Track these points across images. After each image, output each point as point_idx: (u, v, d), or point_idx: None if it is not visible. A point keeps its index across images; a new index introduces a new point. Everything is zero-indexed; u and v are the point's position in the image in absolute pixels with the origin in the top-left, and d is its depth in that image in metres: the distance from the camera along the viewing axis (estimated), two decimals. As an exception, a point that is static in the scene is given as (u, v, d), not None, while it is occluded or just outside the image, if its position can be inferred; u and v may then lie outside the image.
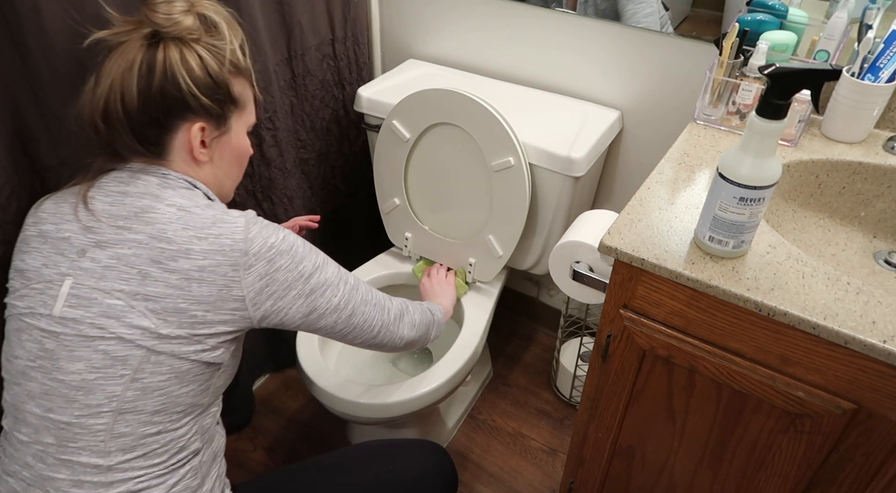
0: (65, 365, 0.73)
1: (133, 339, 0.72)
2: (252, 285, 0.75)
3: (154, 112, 0.75)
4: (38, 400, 0.74)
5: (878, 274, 0.87)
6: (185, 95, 0.75)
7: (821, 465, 0.79)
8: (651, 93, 1.24)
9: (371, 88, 1.36)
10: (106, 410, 0.72)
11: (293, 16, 1.24)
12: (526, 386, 1.66)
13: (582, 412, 1.00)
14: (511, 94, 1.34)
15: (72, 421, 0.73)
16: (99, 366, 0.72)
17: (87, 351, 0.72)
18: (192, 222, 0.74)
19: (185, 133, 0.78)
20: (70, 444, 0.73)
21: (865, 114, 0.95)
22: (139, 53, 0.73)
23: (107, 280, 0.72)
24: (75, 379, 0.72)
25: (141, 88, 0.73)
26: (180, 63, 0.74)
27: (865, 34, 0.92)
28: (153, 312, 0.72)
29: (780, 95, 0.65)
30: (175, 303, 0.72)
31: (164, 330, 0.72)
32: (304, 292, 0.80)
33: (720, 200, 0.72)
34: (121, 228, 0.74)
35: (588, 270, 1.06)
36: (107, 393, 0.72)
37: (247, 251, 0.74)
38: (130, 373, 0.72)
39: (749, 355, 0.77)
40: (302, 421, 1.56)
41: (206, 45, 0.76)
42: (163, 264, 0.72)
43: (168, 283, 0.72)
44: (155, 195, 0.75)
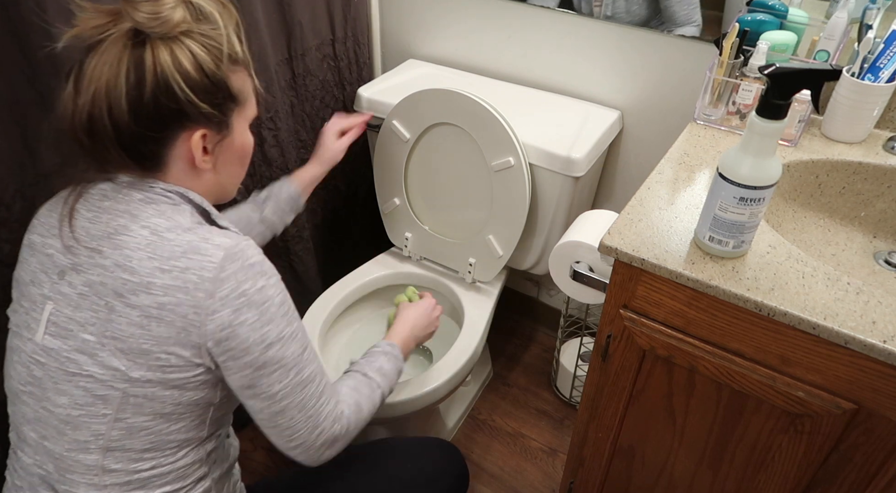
0: (52, 396, 0.69)
1: (105, 380, 0.66)
2: (212, 334, 0.65)
3: (147, 125, 0.65)
4: (32, 425, 0.71)
5: (878, 274, 0.87)
6: (182, 104, 0.65)
7: (821, 465, 0.79)
8: (651, 93, 1.24)
9: (371, 88, 1.36)
10: (94, 447, 0.68)
11: (293, 16, 1.24)
12: (526, 386, 1.66)
13: (582, 412, 1.00)
14: (511, 94, 1.34)
15: (64, 454, 0.70)
16: (82, 403, 0.68)
17: (69, 386, 0.68)
18: (159, 251, 0.65)
19: (185, 143, 0.69)
20: (67, 474, 0.70)
21: (865, 114, 0.95)
22: (124, 57, 0.63)
23: (81, 310, 0.67)
24: (62, 413, 0.69)
25: (131, 99, 0.63)
26: (173, 66, 0.63)
27: (865, 34, 0.92)
28: (122, 352, 0.65)
29: (780, 95, 0.65)
30: (139, 343, 0.65)
31: (133, 373, 0.65)
32: (257, 362, 0.68)
33: (720, 200, 0.72)
34: (93, 251, 0.67)
35: (588, 270, 1.06)
36: (92, 431, 0.68)
37: (213, 293, 0.64)
38: (112, 413, 0.67)
39: (749, 355, 0.77)
40: (302, 421, 1.56)
41: (197, 37, 0.65)
42: (125, 297, 0.65)
43: (130, 320, 0.65)
44: (132, 214, 0.67)
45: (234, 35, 0.69)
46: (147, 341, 0.65)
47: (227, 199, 0.80)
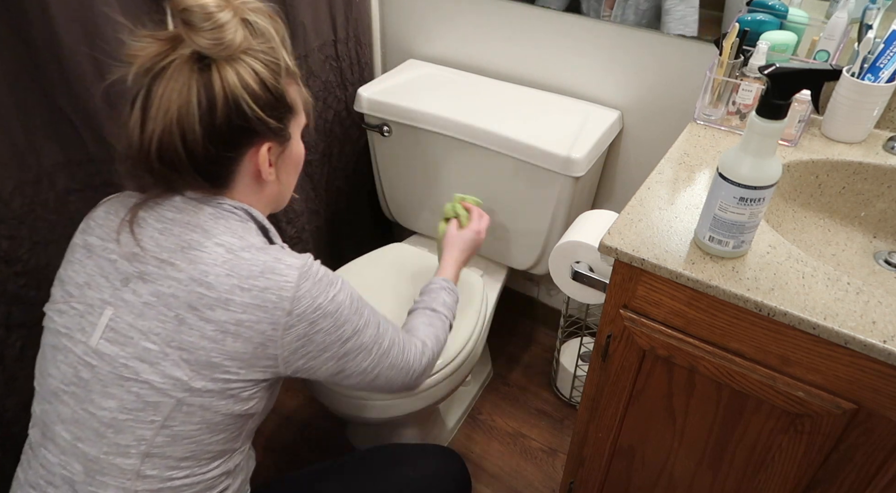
0: (97, 399, 0.69)
1: (164, 389, 0.67)
2: (289, 345, 0.70)
3: (220, 147, 0.68)
4: (67, 425, 0.70)
5: (878, 274, 0.87)
6: (252, 122, 0.68)
7: (821, 465, 0.79)
8: (651, 93, 1.24)
9: (371, 88, 1.36)
10: (134, 451, 0.69)
11: (296, 17, 1.24)
12: (526, 386, 1.66)
13: (582, 412, 1.00)
14: (511, 94, 1.34)
15: (100, 457, 0.69)
16: (131, 408, 0.68)
17: (120, 390, 0.68)
18: (237, 269, 0.67)
19: (252, 158, 0.71)
20: (98, 476, 0.70)
21: (865, 114, 0.95)
22: (192, 82, 0.64)
23: (145, 319, 0.67)
24: (106, 416, 0.69)
25: (204, 124, 0.65)
26: (241, 86, 0.65)
27: (865, 34, 0.92)
28: (187, 362, 0.67)
29: (780, 95, 0.65)
30: (209, 356, 0.67)
31: (196, 383, 0.67)
32: (338, 355, 0.75)
33: (720, 200, 0.72)
34: (163, 263, 0.68)
35: (588, 270, 1.06)
36: (136, 436, 0.68)
37: (291, 311, 0.68)
38: (161, 420, 0.68)
39: (749, 355, 0.77)
40: (301, 420, 1.56)
41: (258, 54, 0.67)
42: (199, 311, 0.66)
43: (203, 333, 0.66)
44: (204, 229, 0.69)
45: (285, 50, 0.71)
46: (218, 354, 0.67)
47: (282, 207, 0.83)
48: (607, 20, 1.20)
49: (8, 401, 0.97)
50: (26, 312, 0.94)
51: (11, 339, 0.94)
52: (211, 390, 0.68)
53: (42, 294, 0.95)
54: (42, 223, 0.93)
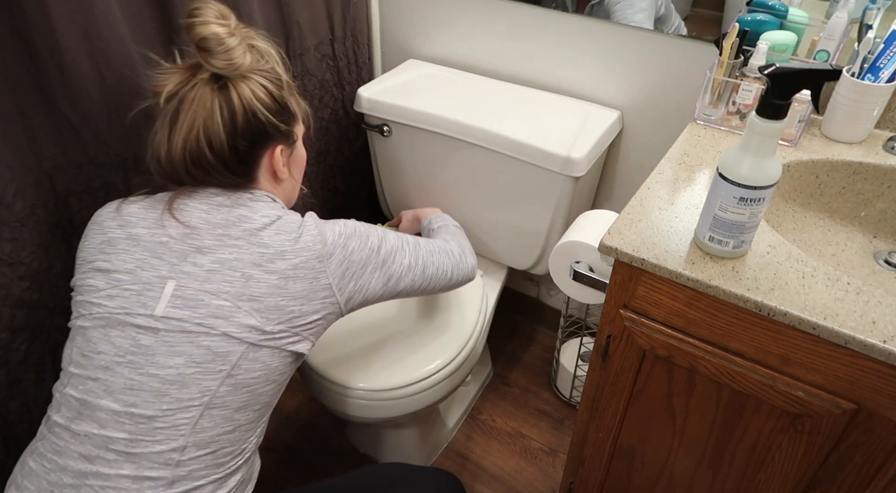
0: (162, 360, 0.75)
1: (241, 336, 0.76)
2: (335, 271, 0.83)
3: (243, 148, 0.81)
4: (117, 395, 0.75)
5: (878, 274, 0.87)
6: (266, 126, 0.82)
7: (821, 465, 0.79)
8: (651, 93, 1.24)
9: (371, 88, 1.36)
10: (196, 404, 0.75)
11: (292, 15, 1.24)
12: (526, 386, 1.66)
13: (582, 411, 1.00)
14: (511, 94, 1.34)
15: (156, 415, 0.75)
16: (200, 361, 0.75)
17: (189, 346, 0.75)
18: (282, 227, 0.81)
19: (269, 158, 0.85)
20: (146, 438, 0.74)
21: (865, 114, 0.95)
22: (214, 99, 0.78)
23: (212, 283, 0.77)
24: (171, 373, 0.75)
25: (227, 131, 0.79)
26: (254, 98, 0.80)
27: (865, 34, 0.92)
28: (258, 311, 0.77)
29: (780, 95, 0.65)
30: (276, 301, 0.78)
31: (268, 327, 0.78)
32: (379, 263, 0.89)
33: (720, 200, 0.72)
34: (220, 236, 0.79)
35: (588, 270, 1.06)
36: (201, 387, 0.75)
37: (325, 242, 0.83)
38: (228, 369, 0.76)
39: (749, 355, 0.77)
40: (301, 420, 1.56)
41: (263, 73, 0.82)
42: (263, 266, 0.78)
43: (269, 283, 0.78)
44: (248, 206, 0.82)
45: (283, 67, 0.86)
46: (283, 297, 0.79)
47: (293, 203, 0.96)
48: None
49: (11, 404, 0.97)
50: (30, 315, 0.94)
51: (16, 342, 0.94)
52: (281, 331, 0.79)
53: (45, 297, 0.96)
54: (44, 226, 0.93)
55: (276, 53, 0.85)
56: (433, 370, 1.16)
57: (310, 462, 1.46)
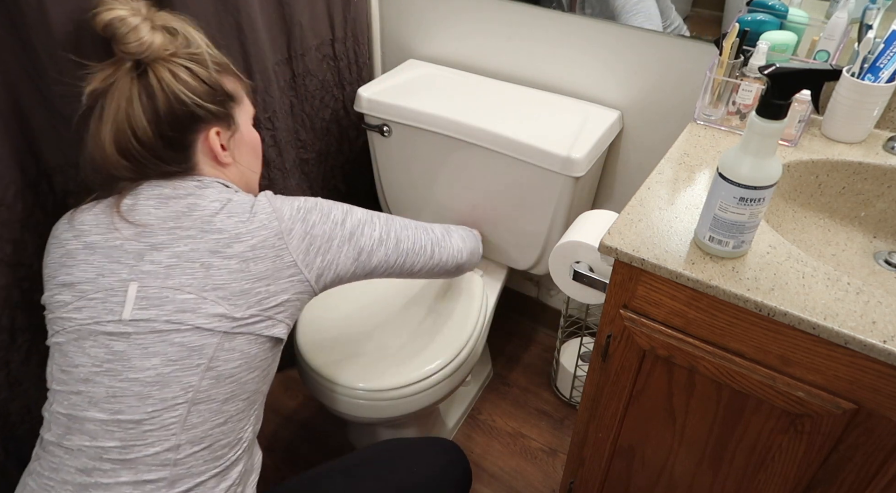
0: (138, 363, 0.74)
1: (211, 327, 0.75)
2: (297, 246, 0.81)
3: (169, 133, 0.79)
4: (102, 405, 0.74)
5: (878, 274, 0.87)
6: (192, 108, 0.79)
7: (821, 465, 0.79)
8: (651, 93, 1.24)
9: (371, 88, 1.36)
10: (181, 401, 0.74)
11: (293, 16, 1.24)
12: (526, 386, 1.66)
13: (582, 411, 1.00)
14: (511, 94, 1.34)
15: (143, 418, 0.74)
16: (175, 358, 0.74)
17: (162, 345, 0.74)
18: (234, 210, 0.79)
19: (204, 142, 0.83)
20: (138, 442, 0.74)
21: (865, 114, 0.95)
22: (133, 87, 0.77)
23: (173, 278, 0.75)
24: (150, 375, 0.74)
25: (149, 117, 0.77)
26: (175, 80, 0.78)
27: (865, 34, 0.92)
28: (224, 299, 0.76)
29: (780, 95, 0.65)
30: (241, 286, 0.77)
31: (237, 314, 0.76)
32: (346, 236, 0.86)
33: (720, 200, 0.72)
34: (172, 229, 0.77)
35: (588, 270, 1.06)
36: (182, 385, 0.74)
37: (282, 218, 0.81)
38: (206, 362, 0.75)
39: (749, 355, 0.77)
40: (301, 420, 1.56)
41: (185, 56, 0.80)
42: (220, 252, 0.77)
43: (230, 269, 0.76)
44: (196, 195, 0.80)
45: (212, 48, 0.84)
46: (247, 280, 0.77)
47: (254, 191, 0.92)
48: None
49: (12, 405, 0.97)
50: (31, 316, 0.94)
51: (17, 343, 0.94)
52: (252, 316, 0.77)
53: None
54: (43, 227, 0.93)
55: (201, 37, 0.83)
56: (433, 370, 1.16)
57: (310, 462, 1.46)
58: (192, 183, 0.81)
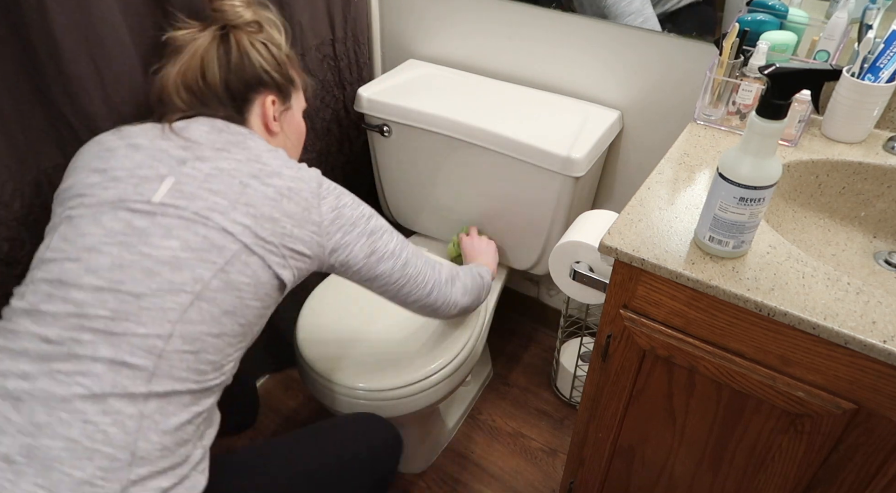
0: (157, 241, 0.73)
1: (235, 232, 0.76)
2: (326, 214, 0.84)
3: (234, 83, 0.87)
4: (102, 273, 0.71)
5: (878, 274, 0.87)
6: (259, 70, 0.88)
7: (821, 465, 0.79)
8: (651, 93, 1.24)
9: (371, 88, 1.36)
10: (188, 290, 0.72)
11: (293, 16, 1.24)
12: (526, 386, 1.66)
13: (582, 411, 1.00)
14: (511, 94, 1.34)
15: (144, 293, 0.71)
16: (195, 247, 0.74)
17: (185, 232, 0.74)
18: (280, 155, 0.85)
19: (261, 106, 0.90)
20: (131, 317, 0.70)
21: (865, 114, 0.95)
22: (215, 40, 0.87)
23: (211, 183, 0.77)
24: (166, 254, 0.73)
25: (221, 64, 0.86)
26: (250, 45, 0.88)
27: (865, 34, 0.92)
28: (252, 216, 0.77)
29: (780, 95, 0.65)
30: (270, 212, 0.78)
31: (261, 232, 0.77)
32: (366, 231, 0.88)
33: (720, 200, 0.72)
34: (219, 150, 0.81)
35: (588, 270, 1.06)
36: (195, 274, 0.73)
37: (321, 185, 0.85)
38: (222, 263, 0.75)
39: (749, 355, 0.77)
40: (301, 420, 1.56)
41: (264, 38, 0.90)
42: (260, 178, 0.80)
43: (265, 194, 0.79)
44: (247, 136, 0.85)
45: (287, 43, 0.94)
46: (277, 211, 0.79)
47: None
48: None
49: None
50: None
51: None
52: (271, 243, 0.78)
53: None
54: (41, 226, 0.93)
55: (279, 30, 0.93)
56: (433, 370, 1.16)
57: (310, 462, 1.46)
58: (245, 130, 0.86)
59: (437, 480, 1.43)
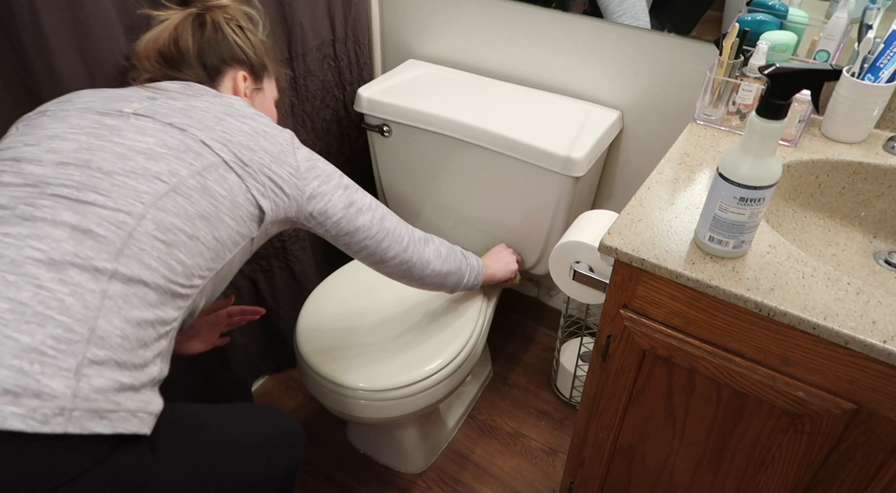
0: (131, 135, 0.69)
1: (213, 147, 0.73)
2: (302, 161, 0.83)
3: (206, 54, 0.88)
4: (67, 153, 0.65)
5: (878, 274, 0.87)
6: (232, 45, 0.90)
7: (821, 465, 0.79)
8: (651, 93, 1.24)
9: (371, 88, 1.36)
10: (164, 180, 0.67)
11: (294, 16, 1.24)
12: (526, 386, 1.66)
13: (582, 411, 1.00)
14: (511, 94, 1.34)
15: (117, 171, 0.65)
16: (172, 146, 0.71)
17: (163, 134, 0.71)
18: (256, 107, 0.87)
19: (232, 80, 0.91)
20: (100, 190, 0.63)
21: (865, 114, 0.95)
22: (189, 17, 0.88)
23: (184, 116, 0.75)
24: (141, 146, 0.68)
25: (193, 35, 0.87)
26: (225, 24, 0.90)
27: (865, 34, 0.92)
28: (229, 141, 0.76)
29: (781, 95, 0.65)
30: (247, 143, 0.77)
31: (240, 155, 0.76)
32: (342, 185, 0.89)
33: (720, 201, 0.72)
34: (191, 96, 0.80)
35: (588, 270, 1.06)
36: (171, 168, 0.69)
37: (294, 138, 0.85)
38: (199, 167, 0.71)
39: (749, 355, 0.77)
40: (300, 420, 1.56)
41: (242, 24, 0.93)
42: (235, 116, 0.79)
43: (241, 129, 0.78)
44: (215, 94, 0.84)
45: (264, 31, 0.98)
46: (254, 143, 0.78)
47: None
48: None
49: None
50: None
51: None
52: (250, 167, 0.76)
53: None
54: None
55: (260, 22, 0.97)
56: (433, 370, 1.16)
57: (309, 462, 1.46)
58: (213, 91, 0.86)
59: (437, 480, 1.43)
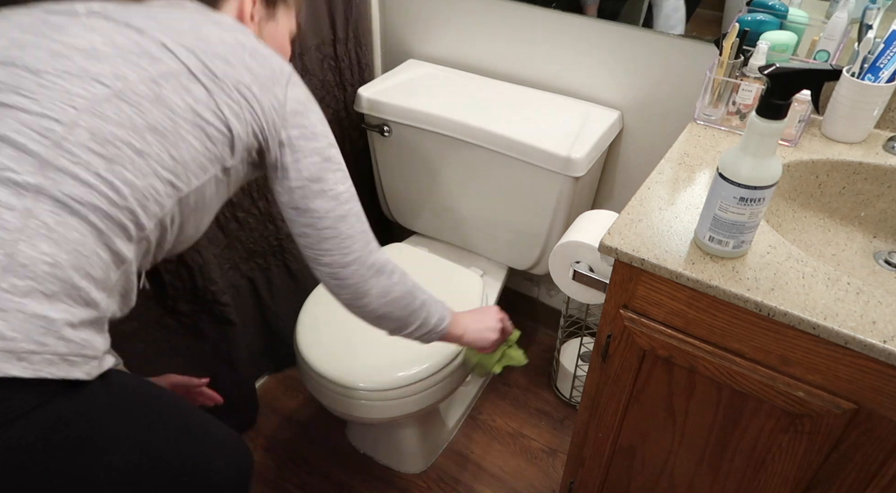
0: (73, 31, 0.59)
1: (176, 52, 0.62)
2: (290, 101, 0.70)
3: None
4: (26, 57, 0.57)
5: (878, 274, 0.87)
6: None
7: (821, 465, 0.79)
8: (651, 93, 1.24)
9: (371, 88, 1.36)
10: (106, 83, 0.58)
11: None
12: (526, 386, 1.66)
13: (582, 411, 1.00)
14: (511, 94, 1.34)
15: (46, 70, 0.56)
16: (122, 47, 0.60)
17: (112, 33, 0.60)
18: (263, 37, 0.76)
19: (238, 1, 0.76)
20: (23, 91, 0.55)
21: (865, 114, 0.95)
22: None
23: (148, 19, 0.63)
24: (81, 43, 0.58)
25: None
26: None
27: (865, 34, 0.92)
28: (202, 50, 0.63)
29: (780, 95, 0.65)
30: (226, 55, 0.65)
31: (211, 65, 0.64)
32: (323, 154, 0.74)
33: (720, 201, 0.72)
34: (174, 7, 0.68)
35: (588, 270, 1.06)
36: (116, 70, 0.58)
37: (293, 72, 0.72)
38: (154, 74, 0.60)
39: (749, 355, 0.77)
40: (301, 421, 1.56)
41: None
42: (220, 26, 0.67)
43: (222, 39, 0.65)
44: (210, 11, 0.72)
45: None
46: (235, 58, 0.65)
47: None
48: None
49: None
50: None
51: None
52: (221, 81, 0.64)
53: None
54: None
55: None
56: (433, 370, 1.16)
57: (310, 462, 1.46)
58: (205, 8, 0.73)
59: (437, 480, 1.43)
